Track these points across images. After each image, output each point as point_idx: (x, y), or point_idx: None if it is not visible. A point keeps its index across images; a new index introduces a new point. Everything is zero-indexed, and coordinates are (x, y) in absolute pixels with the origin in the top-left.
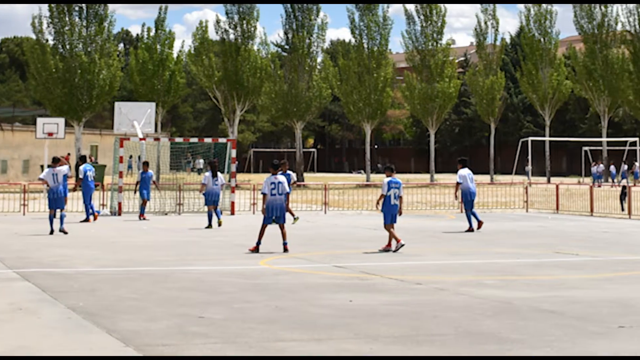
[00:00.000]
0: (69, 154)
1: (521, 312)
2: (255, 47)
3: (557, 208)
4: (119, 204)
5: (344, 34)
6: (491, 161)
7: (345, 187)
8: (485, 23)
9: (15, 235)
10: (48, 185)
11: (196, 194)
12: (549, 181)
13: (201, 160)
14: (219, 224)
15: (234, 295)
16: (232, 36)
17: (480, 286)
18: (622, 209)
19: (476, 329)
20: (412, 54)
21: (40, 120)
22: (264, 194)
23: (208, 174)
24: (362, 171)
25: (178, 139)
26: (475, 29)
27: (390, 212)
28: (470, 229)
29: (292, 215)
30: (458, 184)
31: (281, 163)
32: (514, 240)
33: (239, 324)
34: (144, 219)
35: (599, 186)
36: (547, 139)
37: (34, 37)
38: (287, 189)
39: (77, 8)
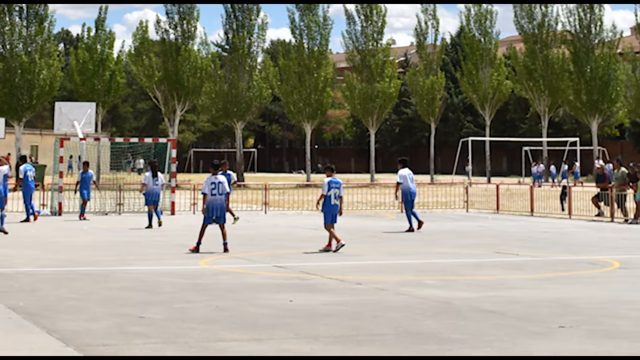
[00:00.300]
0: (9, 154)
1: (461, 312)
2: (195, 47)
3: (498, 208)
4: (60, 204)
5: (285, 34)
6: (431, 161)
7: (286, 187)
8: (426, 23)
9: None
10: None
11: (136, 194)
12: (489, 181)
13: (141, 160)
14: (159, 224)
15: (174, 295)
16: (172, 36)
17: (421, 286)
18: (563, 209)
19: (416, 329)
20: (352, 54)
21: None
22: (204, 194)
23: (148, 174)
24: (303, 171)
25: (118, 139)
26: (416, 29)
27: (331, 212)
28: (411, 229)
29: (233, 215)
30: (398, 184)
31: (221, 163)
32: (454, 240)
33: (179, 324)
34: (85, 219)
35: (539, 186)
36: (487, 139)
37: None
38: (228, 189)
39: (17, 8)
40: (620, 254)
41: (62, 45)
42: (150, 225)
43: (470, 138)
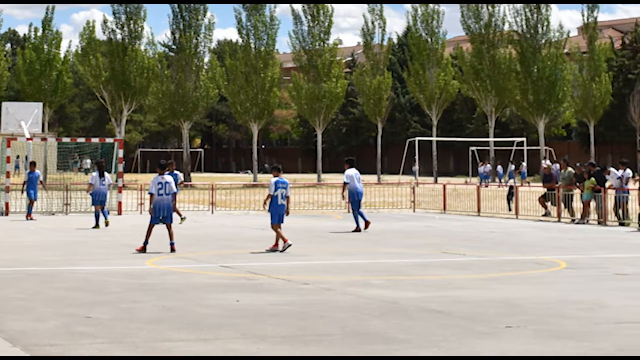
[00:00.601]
0: None
1: (408, 312)
2: (142, 47)
3: (445, 208)
4: (6, 203)
5: (231, 34)
6: (378, 161)
7: (233, 187)
8: (373, 23)
9: None
10: None
11: (83, 194)
12: (436, 181)
13: (88, 160)
14: (106, 224)
15: (120, 295)
16: (119, 36)
17: (368, 286)
18: (510, 209)
19: (363, 329)
20: (299, 54)
21: None
22: (151, 194)
23: (95, 174)
24: (250, 171)
25: (65, 139)
26: (363, 29)
27: (278, 212)
28: (358, 229)
29: (180, 215)
30: (345, 184)
31: (168, 163)
32: (401, 240)
33: (125, 324)
34: (31, 219)
35: (486, 186)
36: (434, 139)
37: None
38: (175, 189)
39: None
40: (567, 254)
41: (9, 45)
42: (97, 225)
43: (417, 138)
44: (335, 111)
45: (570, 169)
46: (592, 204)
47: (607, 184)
